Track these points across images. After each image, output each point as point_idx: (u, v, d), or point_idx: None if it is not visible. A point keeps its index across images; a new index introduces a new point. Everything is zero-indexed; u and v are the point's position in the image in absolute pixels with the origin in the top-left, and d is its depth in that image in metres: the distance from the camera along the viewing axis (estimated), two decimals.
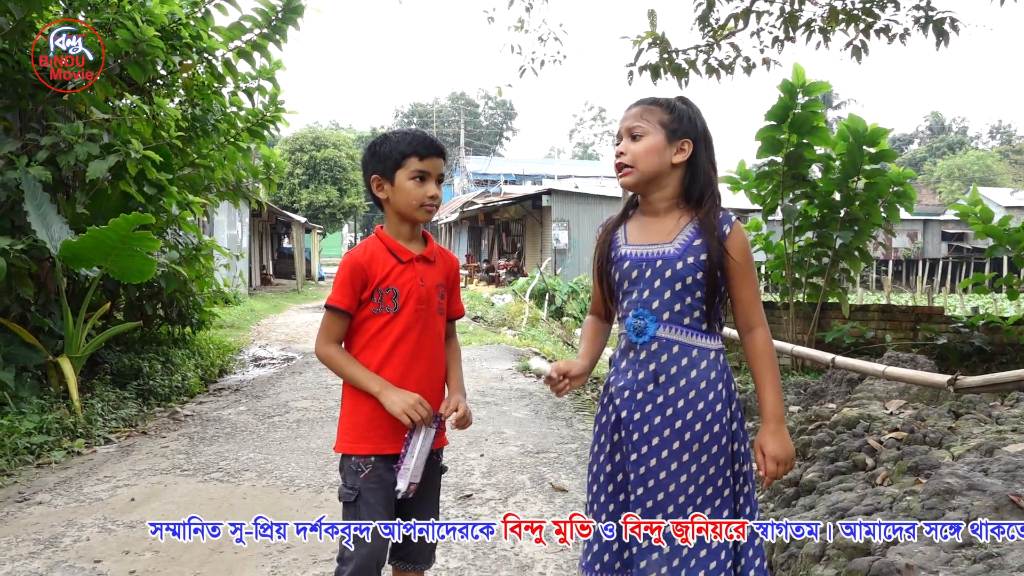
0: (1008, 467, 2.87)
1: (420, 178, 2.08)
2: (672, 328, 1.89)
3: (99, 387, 6.00)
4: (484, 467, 4.62)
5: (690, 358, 1.88)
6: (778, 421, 1.88)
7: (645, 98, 1.98)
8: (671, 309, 1.88)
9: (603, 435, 2.00)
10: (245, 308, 15.73)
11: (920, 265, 31.31)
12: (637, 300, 1.92)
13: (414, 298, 2.10)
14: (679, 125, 1.92)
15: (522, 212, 26.36)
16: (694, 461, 1.85)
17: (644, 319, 1.90)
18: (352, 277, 2.07)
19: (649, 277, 1.90)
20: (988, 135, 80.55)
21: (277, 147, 32.69)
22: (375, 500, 2.04)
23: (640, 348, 1.91)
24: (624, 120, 1.96)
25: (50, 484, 4.24)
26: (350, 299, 2.07)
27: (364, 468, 2.05)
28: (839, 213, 7.40)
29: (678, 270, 1.87)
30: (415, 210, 2.09)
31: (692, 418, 1.85)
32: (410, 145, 2.08)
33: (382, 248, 2.12)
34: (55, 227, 5.53)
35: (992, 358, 6.92)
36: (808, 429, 4.43)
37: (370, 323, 2.09)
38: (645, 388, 1.89)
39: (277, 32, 6.78)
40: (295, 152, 37.25)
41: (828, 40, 6.82)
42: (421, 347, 2.11)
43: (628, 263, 1.94)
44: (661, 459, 1.86)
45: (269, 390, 7.25)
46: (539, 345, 10.87)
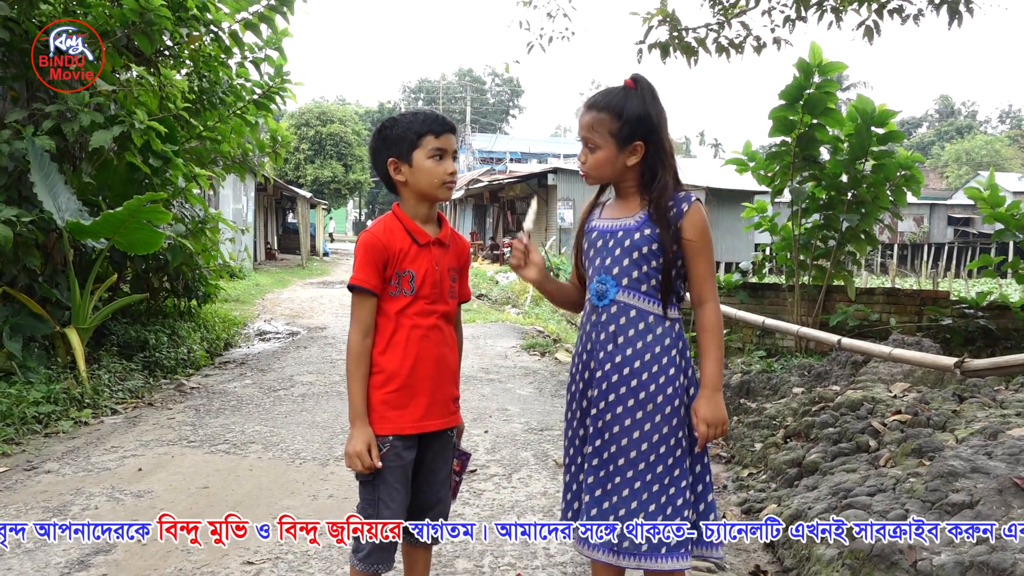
0: (1012, 450, 2.88)
1: (439, 156, 2.08)
2: (630, 293, 2.03)
3: (106, 358, 6.03)
4: (488, 443, 4.65)
5: (646, 323, 2.02)
6: (714, 389, 2.00)
7: (596, 100, 2.06)
8: (629, 275, 2.03)
9: (573, 402, 2.15)
10: (250, 282, 15.76)
11: (925, 249, 31.21)
12: (600, 266, 2.07)
13: (429, 282, 2.10)
14: (629, 130, 2.01)
15: (527, 190, 26.26)
16: (648, 419, 1.98)
17: (605, 284, 2.05)
18: (374, 255, 2.06)
19: (611, 246, 2.06)
20: (998, 119, 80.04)
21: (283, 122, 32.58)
22: (393, 478, 2.07)
23: (601, 311, 2.05)
24: (580, 127, 2.08)
25: (58, 453, 4.28)
26: (375, 278, 2.06)
27: (382, 447, 2.06)
28: (846, 195, 7.36)
29: (635, 240, 2.02)
30: (437, 188, 2.09)
31: (647, 379, 1.99)
32: (424, 124, 2.07)
33: (400, 228, 2.11)
34: (62, 198, 5.53)
35: (997, 341, 6.90)
36: (812, 411, 4.44)
37: (386, 307, 2.09)
38: (606, 348, 2.04)
39: (284, 4, 6.74)
40: (301, 127, 37.13)
41: (840, 20, 6.75)
42: (434, 330, 2.12)
43: (596, 233, 2.11)
44: (616, 414, 2.00)
45: (274, 364, 7.28)
46: (543, 324, 10.90)
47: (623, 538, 1.95)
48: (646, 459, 1.97)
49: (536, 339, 9.02)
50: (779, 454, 4.07)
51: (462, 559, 2.99)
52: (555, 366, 7.51)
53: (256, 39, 7.15)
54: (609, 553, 1.96)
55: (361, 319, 2.07)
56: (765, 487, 3.83)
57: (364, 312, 2.07)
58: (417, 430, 2.10)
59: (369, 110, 64.67)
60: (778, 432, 4.46)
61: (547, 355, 8.12)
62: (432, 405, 2.11)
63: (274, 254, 26.84)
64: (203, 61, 6.99)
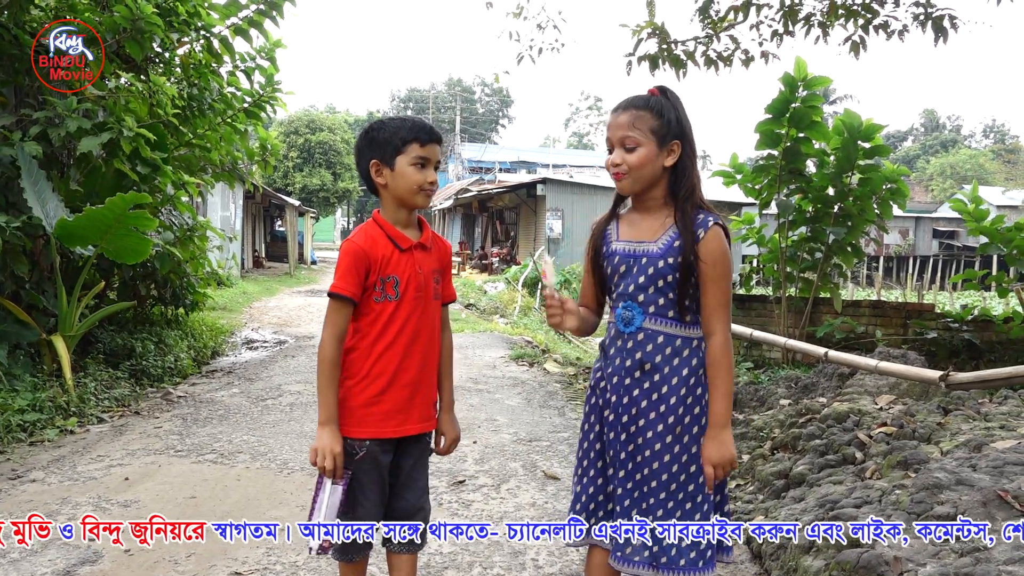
0: (996, 463, 2.92)
1: (421, 164, 2.10)
2: (657, 320, 2.02)
3: (92, 366, 5.99)
4: (477, 454, 4.65)
5: (673, 347, 2.01)
6: (721, 427, 1.98)
7: (633, 100, 2.03)
8: (655, 303, 2.01)
9: (592, 415, 2.15)
10: (238, 290, 15.69)
11: (911, 262, 31.45)
12: (625, 293, 2.05)
13: (413, 285, 2.13)
14: (668, 128, 1.99)
15: (516, 200, 26.33)
16: (677, 442, 2.00)
17: (632, 311, 2.03)
18: (356, 264, 2.08)
19: (636, 272, 2.03)
20: (982, 134, 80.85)
21: (272, 129, 32.55)
22: (368, 480, 2.12)
23: (628, 337, 2.04)
24: (615, 127, 2.02)
25: (43, 462, 4.25)
26: (355, 286, 2.08)
27: (359, 450, 2.10)
28: (833, 208, 7.43)
29: (660, 268, 1.99)
30: (415, 195, 2.12)
31: (675, 403, 1.99)
32: (411, 132, 2.10)
33: (381, 235, 2.13)
34: (50, 204, 5.51)
35: (981, 354, 6.97)
36: (799, 422, 4.47)
37: (373, 312, 2.11)
38: (632, 375, 2.03)
39: (274, 8, 6.73)
40: (290, 135, 37.03)
41: (827, 35, 6.83)
42: (420, 333, 2.16)
43: (618, 258, 2.07)
44: (646, 439, 2.01)
45: (262, 373, 7.25)
46: (531, 334, 10.90)
47: (661, 553, 1.98)
48: (677, 480, 1.99)
49: (525, 349, 9.03)
50: (766, 466, 4.09)
51: (451, 570, 2.99)
52: (543, 376, 7.51)
53: (248, 48, 7.16)
54: (648, 568, 1.99)
55: (335, 324, 2.09)
56: (753, 498, 3.85)
57: (339, 318, 2.10)
58: (396, 434, 2.13)
59: (358, 119, 64.60)
60: (765, 444, 4.49)
61: (536, 365, 8.13)
62: (412, 409, 2.15)
63: (262, 262, 26.73)
64: (193, 68, 6.98)
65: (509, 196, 26.49)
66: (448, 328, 2.33)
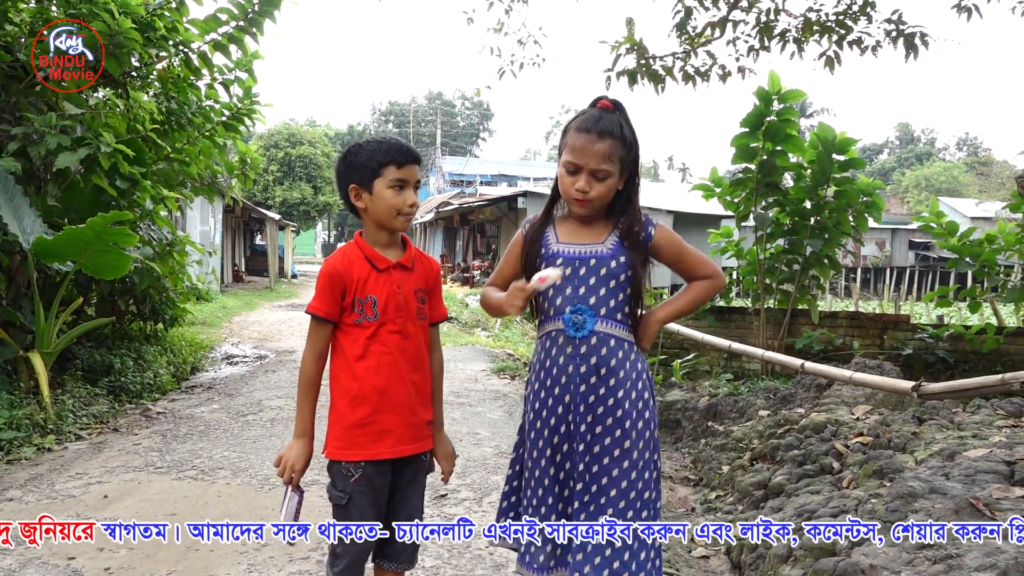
0: (968, 471, 2.97)
1: (399, 187, 2.09)
2: (608, 323, 2.02)
3: (70, 383, 5.93)
4: (459, 467, 4.65)
5: (624, 351, 2.03)
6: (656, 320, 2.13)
7: (609, 127, 1.99)
8: (607, 305, 2.02)
9: (540, 439, 2.09)
10: (217, 305, 15.59)
11: (888, 273, 31.83)
12: (573, 296, 2.03)
13: (392, 305, 2.12)
14: (630, 157, 2.03)
15: (497, 213, 26.39)
16: (634, 448, 2.01)
17: (583, 314, 2.01)
18: (331, 284, 2.10)
19: (584, 274, 2.03)
20: (955, 147, 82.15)
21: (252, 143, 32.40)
22: (365, 502, 2.10)
23: (580, 343, 2.02)
24: (590, 155, 1.97)
25: (21, 480, 4.20)
26: (330, 306, 2.10)
27: (355, 472, 2.09)
28: (809, 221, 7.53)
29: (612, 268, 2.02)
30: (394, 218, 2.11)
31: (629, 407, 2.01)
32: (387, 154, 2.09)
33: (360, 256, 2.14)
34: (27, 220, 5.47)
35: (955, 366, 7.08)
36: (777, 433, 4.52)
37: (354, 334, 2.11)
38: (588, 380, 2.01)
39: (254, 25, 6.73)
40: (270, 148, 36.97)
41: (802, 51, 6.94)
42: (404, 354, 2.14)
43: (561, 260, 2.05)
44: (604, 445, 2.01)
45: (242, 388, 7.21)
46: (513, 347, 10.92)
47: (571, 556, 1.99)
48: (635, 487, 2.01)
49: (506, 362, 9.05)
50: (746, 476, 4.13)
51: None
52: (525, 389, 7.53)
53: (226, 60, 7.15)
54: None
55: (315, 343, 2.14)
56: (732, 509, 3.89)
57: (319, 337, 2.14)
58: (390, 455, 2.12)
59: (339, 132, 64.60)
60: (745, 454, 4.53)
61: (517, 378, 8.14)
62: (404, 429, 2.13)
63: (242, 276, 26.56)
64: (171, 82, 6.97)
65: (490, 209, 26.55)
66: (438, 348, 2.32)
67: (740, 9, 6.89)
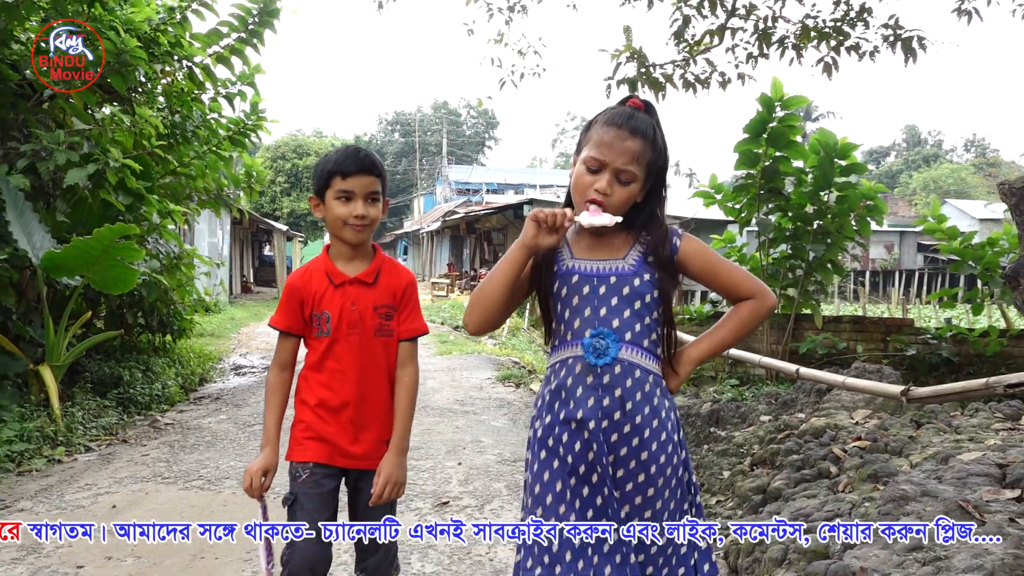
0: (960, 474, 3.01)
1: (345, 198, 2.07)
2: (633, 350, 1.75)
3: (80, 395, 6.02)
4: (462, 475, 4.70)
5: (650, 384, 1.76)
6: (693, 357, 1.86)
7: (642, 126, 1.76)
8: (632, 329, 1.76)
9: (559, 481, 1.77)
10: (225, 316, 15.71)
11: (896, 276, 31.75)
12: (593, 318, 1.76)
13: (345, 322, 2.13)
14: (656, 166, 1.79)
15: (504, 221, 26.47)
16: (659, 496, 1.76)
17: (605, 339, 1.74)
18: (289, 298, 2.18)
19: (604, 294, 1.77)
20: (963, 148, 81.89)
21: (259, 154, 32.69)
22: (310, 505, 2.10)
23: (602, 372, 1.74)
24: (619, 153, 1.73)
25: (31, 492, 4.28)
26: (288, 319, 2.17)
27: (302, 473, 2.14)
28: (812, 226, 7.57)
29: (636, 287, 1.77)
30: (340, 229, 2.09)
31: (657, 450, 1.74)
32: (336, 165, 2.07)
33: (320, 270, 2.17)
34: (36, 236, 5.56)
35: (959, 369, 7.10)
36: (777, 438, 4.56)
37: (313, 346, 2.19)
38: (611, 416, 1.73)
39: (255, 36, 6.82)
40: (277, 160, 37.22)
41: (801, 57, 7.00)
42: (352, 370, 2.13)
43: (577, 277, 1.79)
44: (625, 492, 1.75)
45: (249, 399, 7.29)
46: (519, 354, 10.97)
47: None
48: None
49: (512, 370, 9.09)
50: (746, 481, 4.16)
51: None
52: (530, 397, 7.58)
53: (228, 74, 7.24)
54: None
55: (278, 354, 2.21)
56: (732, 514, 3.92)
57: (281, 348, 2.21)
58: (331, 462, 2.14)
59: (346, 142, 64.83)
60: (745, 460, 4.56)
61: (522, 386, 8.19)
62: (352, 444, 2.14)
63: (250, 287, 26.74)
64: (176, 96, 7.07)
65: (497, 217, 26.64)
66: (410, 365, 2.19)
67: (738, 16, 6.96)
